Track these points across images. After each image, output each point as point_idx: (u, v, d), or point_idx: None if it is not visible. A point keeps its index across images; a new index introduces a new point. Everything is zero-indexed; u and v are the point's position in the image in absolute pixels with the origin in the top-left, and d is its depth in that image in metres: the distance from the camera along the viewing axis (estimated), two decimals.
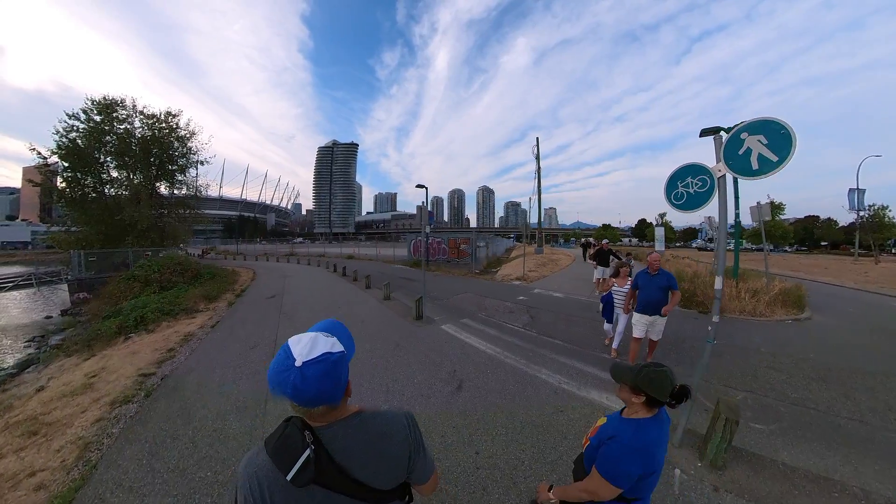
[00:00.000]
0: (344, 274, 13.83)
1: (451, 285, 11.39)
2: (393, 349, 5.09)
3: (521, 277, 13.30)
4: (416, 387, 3.92)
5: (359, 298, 8.98)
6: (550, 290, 10.88)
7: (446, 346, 5.29)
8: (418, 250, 21.90)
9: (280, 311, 7.53)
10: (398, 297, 8.88)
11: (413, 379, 4.13)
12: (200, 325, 7.09)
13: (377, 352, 4.99)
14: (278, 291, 9.95)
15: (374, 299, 8.71)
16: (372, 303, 8.29)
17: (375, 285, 10.53)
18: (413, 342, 5.43)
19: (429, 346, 5.29)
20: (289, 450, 0.71)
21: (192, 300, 9.18)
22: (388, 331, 6.02)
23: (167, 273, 12.13)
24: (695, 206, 2.96)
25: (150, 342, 6.24)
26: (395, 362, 4.61)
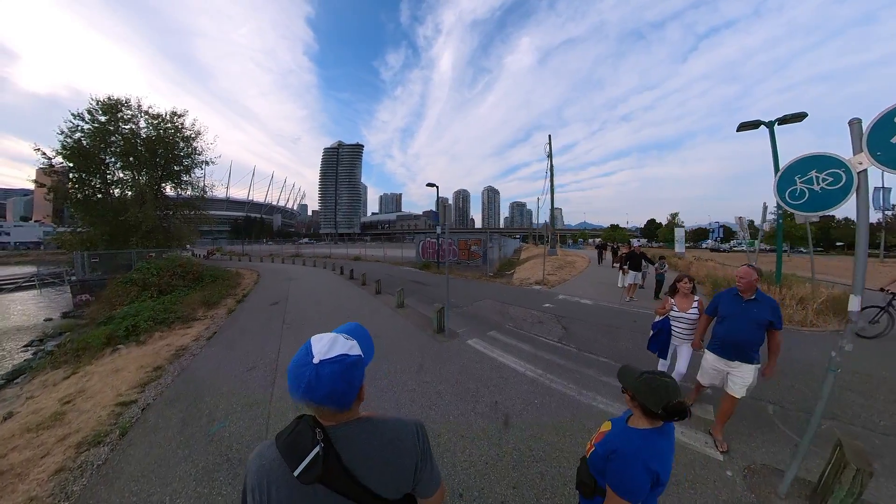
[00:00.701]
0: (351, 277, 13.10)
1: (466, 290, 10.59)
2: (416, 372, 4.30)
3: (541, 281, 12.46)
4: (452, 424, 3.15)
5: (369, 306, 8.22)
6: (576, 296, 10.05)
7: (479, 368, 4.49)
8: (427, 252, 21.13)
9: (283, 321, 6.79)
10: (412, 305, 8.10)
11: (447, 413, 3.35)
12: (196, 336, 6.39)
13: (398, 376, 4.20)
14: (282, 297, 9.24)
15: (386, 307, 7.94)
16: (384, 311, 7.52)
17: (386, 290, 9.78)
18: (439, 363, 4.64)
19: (458, 367, 4.50)
20: (298, 446, 0.71)
21: (190, 306, 8.51)
22: (408, 347, 5.23)
23: (167, 276, 11.52)
24: (822, 207, 2.19)
25: (138, 357, 5.54)
26: (422, 391, 3.82)
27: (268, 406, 3.53)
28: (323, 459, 0.70)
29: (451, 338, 5.73)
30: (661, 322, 3.52)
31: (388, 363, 4.56)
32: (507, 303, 8.83)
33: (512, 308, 8.29)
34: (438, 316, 5.94)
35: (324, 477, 0.70)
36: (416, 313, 7.41)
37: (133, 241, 20.92)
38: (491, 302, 8.90)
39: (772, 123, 10.09)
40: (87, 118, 19.81)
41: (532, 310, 8.13)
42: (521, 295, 10.05)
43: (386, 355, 4.84)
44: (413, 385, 3.97)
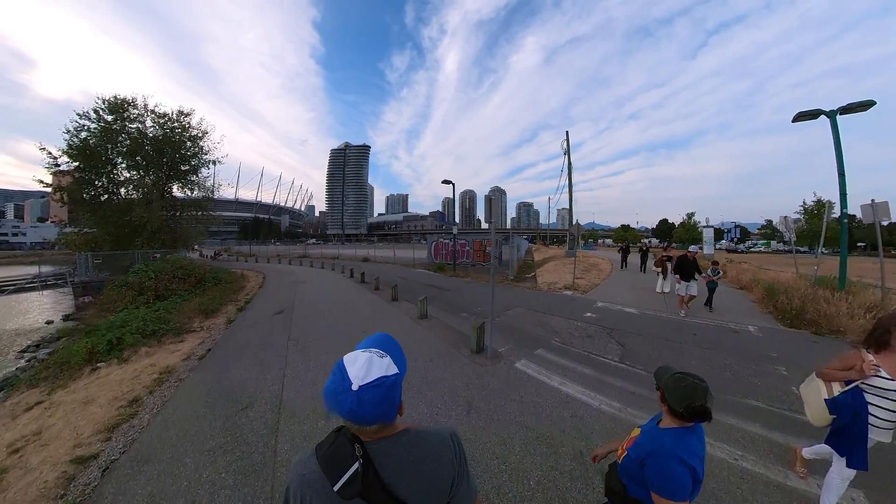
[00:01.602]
0: (362, 280, 12.11)
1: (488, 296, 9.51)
2: (466, 415, 3.25)
3: (571, 286, 11.32)
4: (535, 492, 2.19)
5: (386, 316, 7.18)
6: (615, 303, 8.93)
7: (542, 403, 3.47)
8: (440, 253, 20.08)
9: (288, 335, 5.79)
10: (436, 315, 7.04)
11: (524, 475, 2.40)
12: (187, 354, 5.43)
13: (441, 419, 3.16)
14: (287, 304, 8.28)
15: (406, 317, 6.90)
16: (405, 323, 6.48)
17: (403, 296, 8.75)
18: (491, 398, 3.58)
19: (517, 403, 3.46)
20: (338, 460, 0.72)
21: (187, 315, 7.61)
22: (446, 377, 4.16)
23: (165, 279, 10.69)
24: None
25: (115, 382, 4.60)
26: (481, 443, 2.79)
27: (271, 477, 2.50)
28: (362, 476, 0.70)
29: (495, 360, 4.66)
30: (851, 396, 1.92)
31: (425, 402, 3.51)
32: (542, 311, 7.75)
33: (550, 318, 7.22)
34: (478, 334, 4.87)
35: (362, 492, 0.70)
36: (442, 326, 6.34)
37: (138, 241, 20.50)
38: (524, 311, 7.82)
39: (833, 113, 8.84)
40: (93, 117, 19.58)
41: (574, 320, 7.06)
42: (553, 302, 8.95)
43: (420, 389, 3.79)
44: (468, 433, 2.91)
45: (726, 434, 2.92)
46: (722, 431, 2.95)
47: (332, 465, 0.71)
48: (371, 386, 0.70)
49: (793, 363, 4.56)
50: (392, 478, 0.74)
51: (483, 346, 4.96)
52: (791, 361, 4.63)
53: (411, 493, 0.74)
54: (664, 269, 9.09)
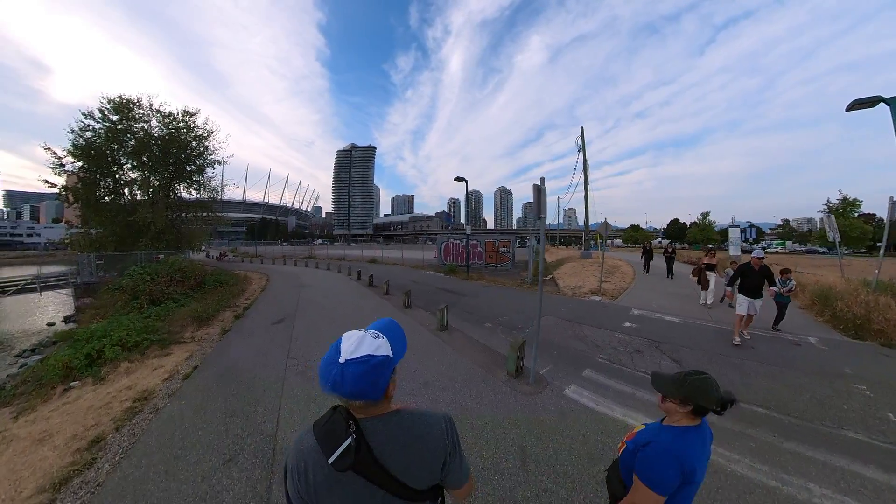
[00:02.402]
0: (371, 284, 11.30)
1: (513, 302, 8.62)
2: (520, 466, 2.40)
3: (597, 291, 10.37)
4: None
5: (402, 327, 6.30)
6: (652, 310, 8.04)
7: (613, 444, 2.63)
8: (450, 254, 19.21)
9: (288, 352, 4.95)
10: (456, 325, 6.16)
11: None
12: (170, 373, 4.65)
13: (494, 479, 2.29)
14: (289, 311, 7.49)
15: (423, 329, 6.03)
16: (423, 337, 5.60)
17: (416, 302, 7.90)
18: (546, 439, 2.76)
19: (582, 445, 2.71)
20: (333, 435, 0.75)
21: (179, 322, 6.88)
22: (483, 408, 3.31)
23: (162, 282, 10.02)
24: None
25: (82, 411, 3.84)
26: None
27: None
28: (355, 450, 0.73)
29: (539, 386, 3.79)
30: None
31: (466, 449, 2.64)
32: (575, 321, 6.85)
33: (586, 329, 6.33)
34: (518, 354, 3.99)
35: (356, 466, 0.73)
36: (465, 340, 5.47)
37: (142, 242, 20.17)
38: (555, 320, 6.91)
39: (894, 100, 7.80)
40: (98, 117, 19.41)
41: (613, 331, 6.21)
42: (583, 309, 8.03)
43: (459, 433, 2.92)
44: (525, 492, 2.05)
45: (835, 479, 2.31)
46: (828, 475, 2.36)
47: (327, 440, 0.75)
48: (356, 361, 0.73)
49: (874, 381, 3.93)
50: (384, 454, 0.76)
51: (522, 368, 4.09)
52: (871, 379, 3.99)
53: (402, 470, 0.77)
54: (703, 280, 8.00)
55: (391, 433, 0.79)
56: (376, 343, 0.77)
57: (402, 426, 0.81)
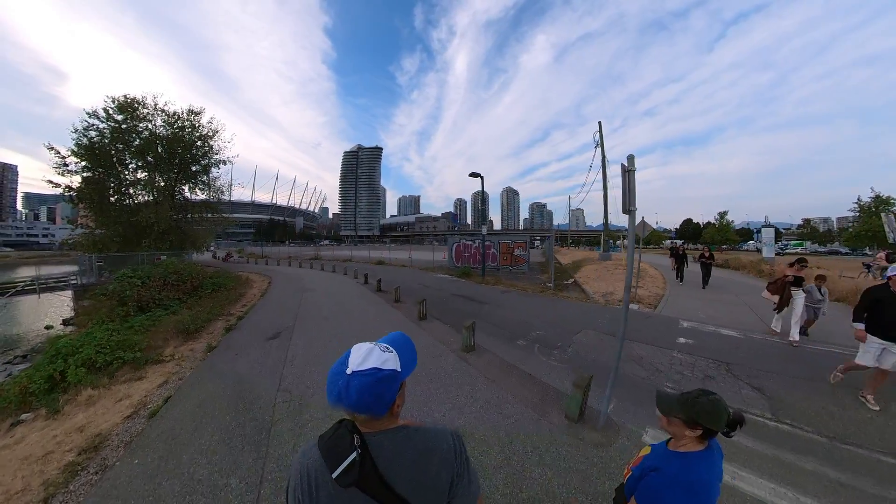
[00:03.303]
0: (379, 288, 10.35)
1: (542, 312, 7.57)
2: None
3: (632, 298, 9.25)
4: None
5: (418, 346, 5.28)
6: (703, 321, 7.04)
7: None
8: (462, 256, 18.21)
9: (280, 380, 3.97)
10: (485, 344, 5.13)
11: None
12: (135, 406, 3.74)
13: None
14: (287, 322, 6.51)
15: (444, 348, 5.00)
16: (447, 361, 4.54)
17: (433, 312, 6.89)
18: None
19: None
20: (337, 449, 0.73)
21: (162, 335, 6.02)
22: (543, 470, 2.30)
23: (155, 286, 9.24)
24: None
25: (16, 462, 2.95)
26: None
27: None
28: (360, 465, 0.71)
29: (611, 433, 2.78)
30: None
31: None
32: (615, 335, 5.79)
33: (637, 347, 5.34)
34: (582, 395, 2.96)
35: (360, 482, 0.70)
36: (500, 365, 4.43)
37: (146, 243, 19.78)
38: (595, 335, 5.87)
39: None
40: (103, 116, 19.00)
41: (669, 350, 5.23)
42: (620, 320, 6.94)
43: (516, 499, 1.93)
44: None
45: None
46: None
47: (331, 454, 0.73)
48: (362, 374, 0.72)
49: None
50: (389, 471, 0.73)
51: (584, 409, 3.07)
52: None
53: (408, 488, 0.73)
54: (785, 297, 5.77)
55: (397, 449, 0.76)
56: (384, 356, 0.75)
57: (408, 442, 0.77)
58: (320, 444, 0.76)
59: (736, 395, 3.75)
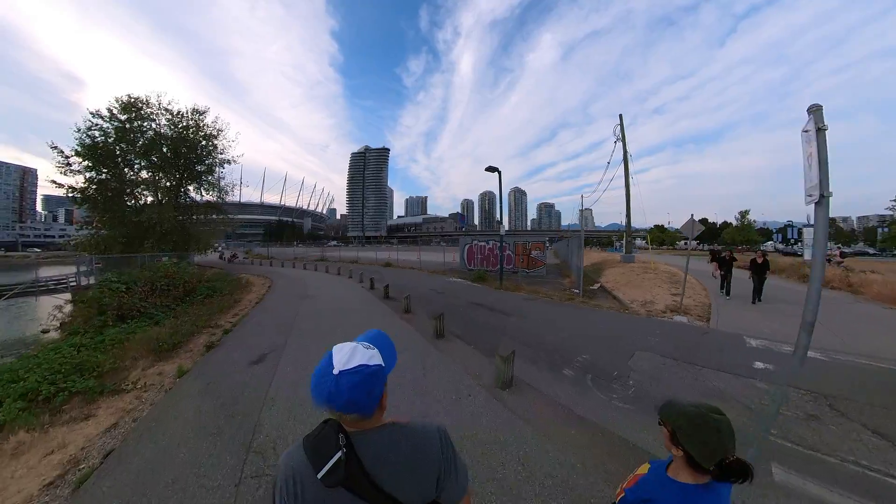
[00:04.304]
0: (387, 295, 9.33)
1: (578, 326, 6.44)
2: None
3: (677, 308, 8.05)
4: None
5: (439, 377, 4.02)
6: (771, 338, 5.96)
7: None
8: (474, 258, 17.12)
9: (252, 434, 2.86)
10: (523, 374, 4.02)
11: None
12: (65, 465, 2.76)
13: None
14: (278, 341, 5.30)
15: (471, 381, 3.85)
16: (478, 402, 3.40)
17: (451, 327, 5.79)
18: None
19: None
20: (322, 449, 0.72)
21: (134, 352, 5.08)
22: None
23: (141, 292, 8.40)
24: None
25: None
26: None
27: None
28: (345, 464, 0.70)
29: None
30: None
31: None
32: (683, 360, 4.71)
33: (710, 375, 4.27)
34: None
35: (346, 481, 0.70)
36: (550, 410, 3.32)
37: (148, 243, 19.33)
38: (653, 358, 4.73)
39: None
40: (107, 116, 18.54)
41: (750, 378, 4.29)
42: (677, 338, 5.81)
43: None
44: None
45: None
46: None
47: (316, 454, 0.72)
48: (350, 372, 0.71)
49: None
50: (376, 469, 0.72)
51: None
52: None
53: (396, 486, 0.72)
54: None
55: (383, 447, 0.75)
56: (369, 353, 0.75)
57: (393, 440, 0.76)
58: (305, 445, 0.75)
59: (858, 446, 2.71)
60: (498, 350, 3.76)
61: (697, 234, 8.19)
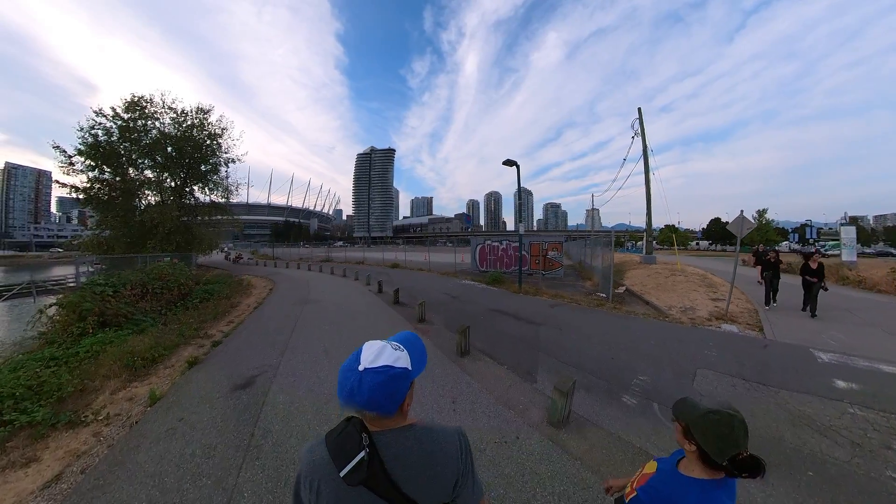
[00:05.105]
0: (396, 300, 8.51)
1: (615, 336, 5.55)
2: None
3: (722, 315, 7.11)
4: None
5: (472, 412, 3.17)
6: (842, 352, 5.07)
7: None
8: (486, 259, 16.25)
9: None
10: (577, 405, 3.15)
11: None
12: None
13: None
14: (272, 358, 4.47)
15: (510, 414, 3.00)
16: (530, 445, 2.55)
17: (475, 341, 4.92)
18: None
19: None
20: (346, 447, 0.72)
21: (106, 369, 4.35)
22: None
23: (130, 296, 7.72)
24: None
25: None
26: None
27: None
28: (368, 464, 0.70)
29: None
30: None
31: None
32: (753, 379, 3.85)
33: (793, 399, 3.34)
34: None
35: (368, 480, 0.70)
36: (620, 452, 2.49)
37: (150, 244, 18.93)
38: (718, 378, 3.85)
39: None
40: (110, 115, 18.27)
41: (836, 401, 3.56)
42: (738, 352, 4.90)
43: None
44: None
45: None
46: None
47: (339, 452, 0.72)
48: (374, 371, 0.71)
49: None
50: (396, 470, 0.73)
51: None
52: None
53: (414, 487, 0.73)
54: None
55: (404, 448, 0.75)
56: (396, 354, 0.75)
57: (415, 441, 0.77)
58: (328, 442, 0.76)
59: None
60: (556, 384, 2.88)
61: (748, 231, 7.21)
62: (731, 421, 0.82)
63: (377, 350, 0.74)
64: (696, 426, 0.85)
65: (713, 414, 0.83)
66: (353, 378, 0.70)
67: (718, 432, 0.82)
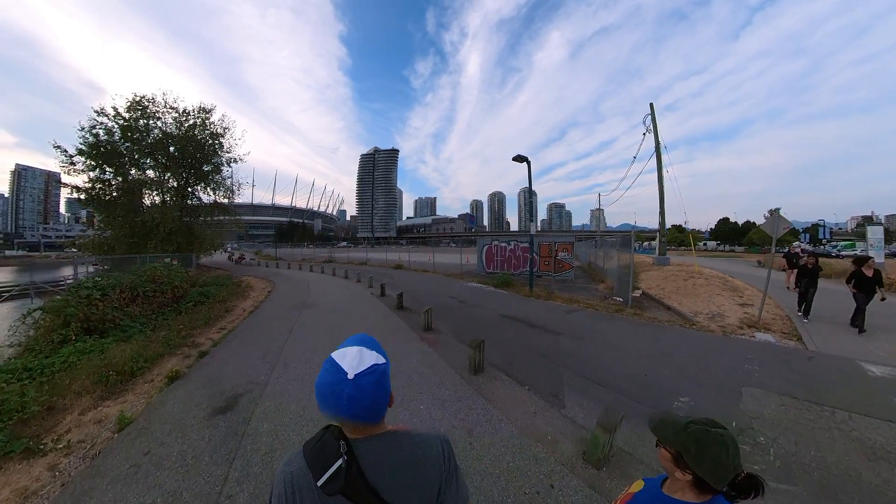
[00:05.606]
0: (400, 305, 8.01)
1: (642, 347, 5.01)
2: None
3: (754, 324, 6.54)
4: None
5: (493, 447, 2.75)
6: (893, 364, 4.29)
7: None
8: (493, 260, 15.72)
9: None
10: (623, 442, 2.64)
11: None
12: None
13: None
14: (261, 373, 4.06)
15: (541, 450, 2.47)
16: (567, 492, 2.09)
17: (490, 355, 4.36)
18: None
19: None
20: (323, 456, 0.70)
21: (79, 385, 3.91)
22: None
23: (120, 298, 7.32)
24: None
25: None
26: None
27: None
28: (346, 472, 0.68)
29: None
30: None
31: None
32: (804, 399, 3.33)
33: (862, 425, 2.77)
34: None
35: (346, 490, 0.67)
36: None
37: (151, 244, 18.71)
38: (768, 397, 3.32)
39: None
40: (111, 114, 18.06)
41: None
42: (779, 366, 4.35)
43: None
44: None
45: None
46: None
47: (317, 461, 0.70)
48: (366, 373, 0.70)
49: None
50: (376, 477, 0.70)
51: None
52: None
53: (396, 495, 0.70)
54: None
55: (385, 455, 0.73)
56: (371, 353, 0.74)
57: (396, 447, 0.74)
58: (305, 452, 0.73)
59: None
60: (599, 419, 2.37)
61: (784, 232, 6.64)
62: (724, 441, 0.76)
63: (356, 354, 0.72)
64: (691, 454, 0.78)
65: (706, 438, 0.77)
66: (349, 387, 0.68)
67: (716, 458, 0.75)
